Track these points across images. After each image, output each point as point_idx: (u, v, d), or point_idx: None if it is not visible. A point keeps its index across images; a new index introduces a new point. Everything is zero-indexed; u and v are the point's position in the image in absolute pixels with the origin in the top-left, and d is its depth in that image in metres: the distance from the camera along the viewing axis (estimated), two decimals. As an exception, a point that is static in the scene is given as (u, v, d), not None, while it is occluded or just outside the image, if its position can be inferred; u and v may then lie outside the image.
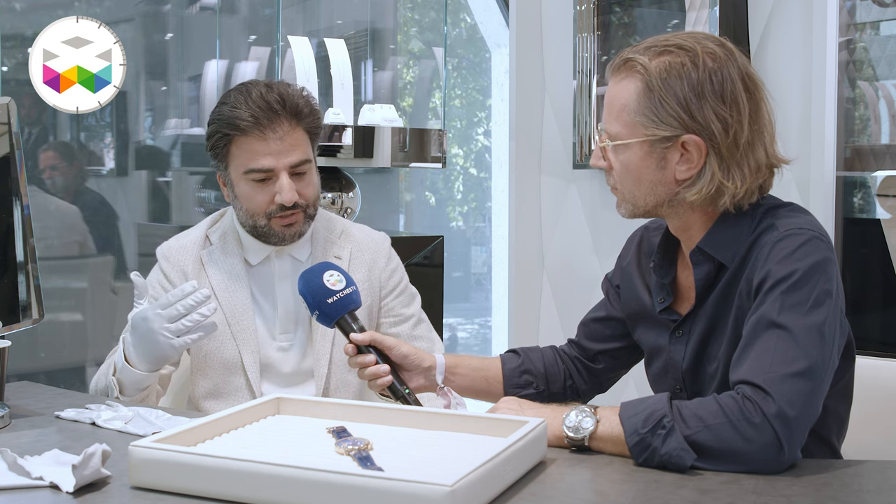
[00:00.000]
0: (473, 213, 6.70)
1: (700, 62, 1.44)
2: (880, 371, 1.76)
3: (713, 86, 1.43)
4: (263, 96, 1.86)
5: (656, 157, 1.47)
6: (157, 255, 2.03)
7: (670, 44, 1.47)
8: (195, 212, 4.24)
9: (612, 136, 1.50)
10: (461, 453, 1.28)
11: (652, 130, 1.45)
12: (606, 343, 1.76)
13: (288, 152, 1.88)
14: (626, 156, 1.49)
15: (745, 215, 1.49)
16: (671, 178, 1.48)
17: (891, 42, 2.43)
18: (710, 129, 1.43)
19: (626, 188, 1.52)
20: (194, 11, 4.39)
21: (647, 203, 1.51)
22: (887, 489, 1.27)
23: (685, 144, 1.45)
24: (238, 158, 1.89)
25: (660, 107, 1.44)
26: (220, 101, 1.92)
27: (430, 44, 5.03)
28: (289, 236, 1.93)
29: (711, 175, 1.45)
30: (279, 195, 1.87)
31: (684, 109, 1.43)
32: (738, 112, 1.44)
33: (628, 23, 3.06)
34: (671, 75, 1.44)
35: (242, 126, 1.85)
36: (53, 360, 3.83)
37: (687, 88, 1.43)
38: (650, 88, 1.44)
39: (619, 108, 1.48)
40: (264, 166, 1.87)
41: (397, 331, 2.03)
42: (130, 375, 1.79)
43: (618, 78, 1.50)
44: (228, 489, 1.17)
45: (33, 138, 3.83)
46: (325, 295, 1.67)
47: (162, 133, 4.24)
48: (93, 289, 3.90)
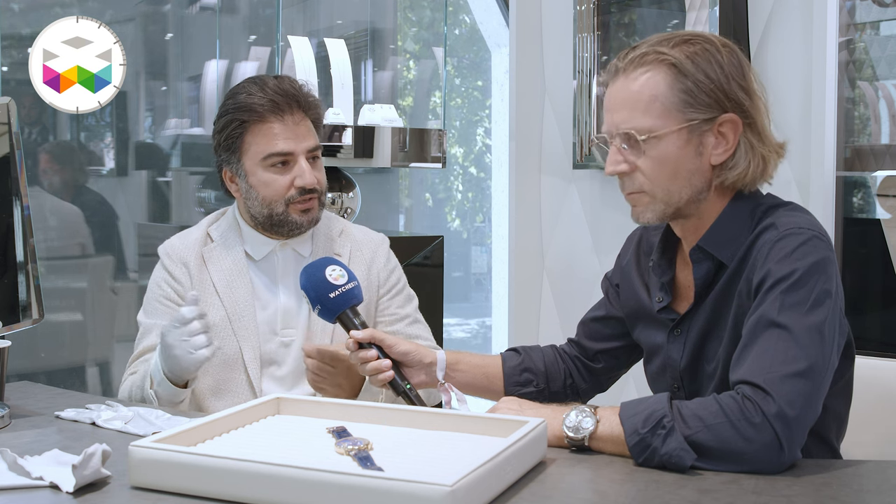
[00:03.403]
0: (473, 213, 6.70)
1: (719, 48, 1.48)
2: (880, 371, 1.76)
3: (735, 69, 1.47)
4: (279, 84, 1.94)
5: (694, 143, 1.47)
6: (158, 253, 2.04)
7: (686, 36, 1.50)
8: (195, 212, 4.24)
9: (642, 131, 1.46)
10: (461, 453, 1.28)
11: (691, 115, 1.45)
12: (606, 342, 1.76)
13: (304, 137, 1.95)
14: (661, 149, 1.46)
15: (745, 214, 1.49)
16: (707, 164, 1.48)
17: (891, 42, 2.43)
18: (744, 106, 1.46)
19: (660, 185, 1.48)
20: (194, 11, 4.39)
21: (681, 198, 1.49)
22: (887, 489, 1.27)
23: (721, 126, 1.46)
24: (255, 146, 1.93)
25: (696, 89, 1.45)
26: (233, 93, 1.96)
27: (430, 44, 5.03)
28: (306, 223, 1.96)
29: (752, 148, 1.47)
30: (300, 178, 1.93)
31: (718, 88, 1.45)
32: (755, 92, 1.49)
33: (628, 23, 3.06)
34: (701, 58, 1.46)
35: (260, 110, 1.91)
36: (53, 360, 3.82)
37: (717, 69, 1.46)
38: (683, 73, 1.45)
39: (648, 99, 1.46)
40: (284, 149, 1.92)
41: (393, 329, 2.04)
42: (167, 389, 1.80)
43: (636, 74, 1.47)
44: (228, 489, 1.17)
45: (33, 138, 3.83)
46: (327, 290, 1.68)
47: (162, 133, 4.24)
48: (93, 289, 3.90)
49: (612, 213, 3.01)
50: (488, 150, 5.96)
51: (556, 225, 3.23)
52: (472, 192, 6.75)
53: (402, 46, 4.89)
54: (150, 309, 2.00)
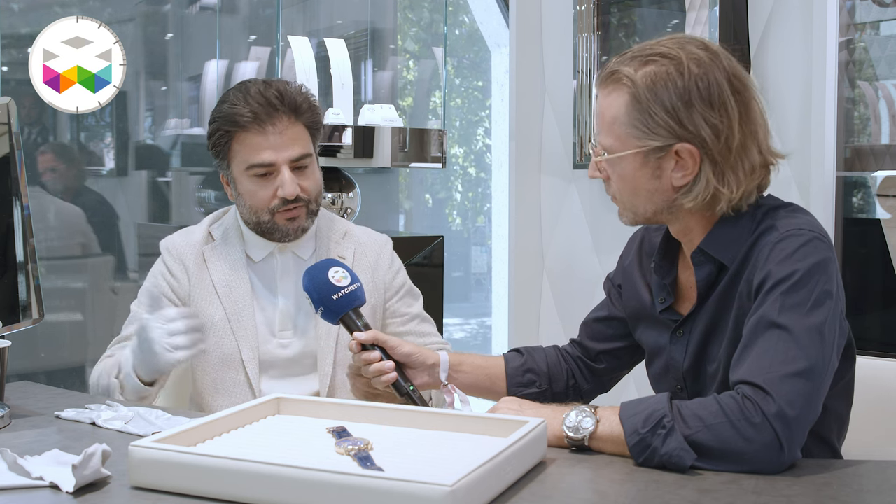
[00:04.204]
0: (473, 213, 6.70)
1: (685, 69, 1.43)
2: (880, 371, 1.76)
3: (700, 92, 1.43)
4: (262, 92, 1.89)
5: (651, 167, 1.47)
6: (160, 247, 2.04)
7: (654, 52, 1.46)
8: (195, 212, 4.25)
9: (605, 149, 1.50)
10: (461, 453, 1.28)
11: (644, 141, 1.45)
12: (608, 343, 1.76)
13: (288, 146, 1.90)
14: (621, 167, 1.49)
15: (746, 216, 1.49)
16: (668, 185, 1.48)
17: (891, 42, 2.43)
18: (702, 136, 1.43)
19: (625, 198, 1.53)
20: (194, 11, 4.39)
21: (646, 211, 1.52)
22: (887, 489, 1.27)
23: (678, 153, 1.45)
24: (239, 155, 1.91)
25: (649, 118, 1.44)
26: (220, 100, 1.95)
27: (430, 44, 5.04)
28: (292, 231, 1.94)
29: (706, 181, 1.45)
30: (281, 189, 1.89)
31: (673, 118, 1.43)
32: (727, 116, 1.43)
33: (628, 23, 3.06)
34: (657, 85, 1.43)
35: (242, 122, 1.88)
36: (53, 360, 3.83)
37: (674, 97, 1.43)
38: (637, 100, 1.44)
39: (610, 120, 1.49)
40: (265, 160, 1.88)
41: (406, 329, 2.04)
42: (132, 383, 1.79)
43: (606, 91, 1.50)
44: (228, 489, 1.17)
45: (33, 138, 3.83)
46: (330, 291, 1.67)
47: (162, 133, 4.24)
48: (93, 289, 3.90)
49: (612, 213, 2.99)
50: (488, 150, 5.96)
51: (556, 225, 3.23)
52: (472, 192, 6.75)
53: (402, 46, 4.89)
54: (143, 300, 1.99)
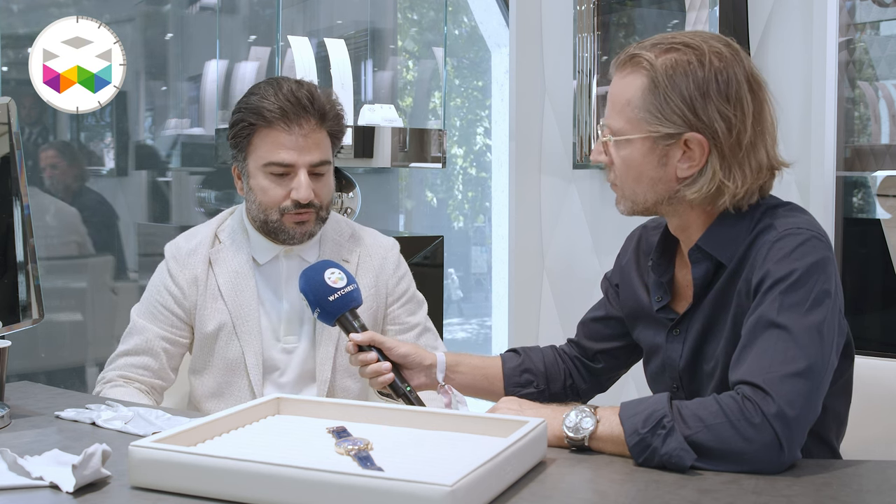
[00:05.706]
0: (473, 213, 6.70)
1: (706, 61, 1.44)
2: (880, 371, 1.76)
3: (718, 85, 1.43)
4: (294, 91, 1.87)
5: (658, 153, 1.47)
6: (165, 252, 2.00)
7: (677, 41, 1.47)
8: (195, 212, 4.25)
9: (614, 132, 1.50)
10: (461, 453, 1.28)
11: (655, 127, 1.45)
12: (606, 342, 1.76)
13: (310, 150, 1.88)
14: (628, 151, 1.49)
15: (744, 215, 1.49)
16: (672, 175, 1.47)
17: (891, 42, 2.43)
18: (714, 128, 1.43)
19: (626, 184, 1.51)
20: (194, 11, 4.39)
21: (646, 200, 1.51)
22: (887, 489, 1.27)
23: (688, 142, 1.45)
24: (259, 150, 1.88)
25: (664, 104, 1.44)
26: (249, 92, 1.92)
27: (430, 44, 5.04)
28: (299, 235, 1.92)
29: (713, 174, 1.45)
30: (296, 191, 1.87)
31: (689, 107, 1.43)
32: (742, 112, 1.44)
33: (628, 23, 3.06)
34: (677, 73, 1.44)
35: (269, 116, 1.85)
36: (53, 360, 3.83)
37: (692, 86, 1.43)
38: (655, 85, 1.44)
39: (623, 103, 1.48)
40: (285, 160, 1.87)
41: (403, 339, 2.02)
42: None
43: (623, 73, 1.49)
44: (228, 489, 1.17)
45: (33, 138, 3.84)
46: (326, 293, 1.67)
47: (162, 133, 4.24)
48: (93, 289, 3.90)
49: (612, 213, 3.00)
50: (488, 150, 5.96)
51: (556, 225, 3.23)
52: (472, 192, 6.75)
53: (402, 46, 4.89)
54: (146, 310, 1.98)
